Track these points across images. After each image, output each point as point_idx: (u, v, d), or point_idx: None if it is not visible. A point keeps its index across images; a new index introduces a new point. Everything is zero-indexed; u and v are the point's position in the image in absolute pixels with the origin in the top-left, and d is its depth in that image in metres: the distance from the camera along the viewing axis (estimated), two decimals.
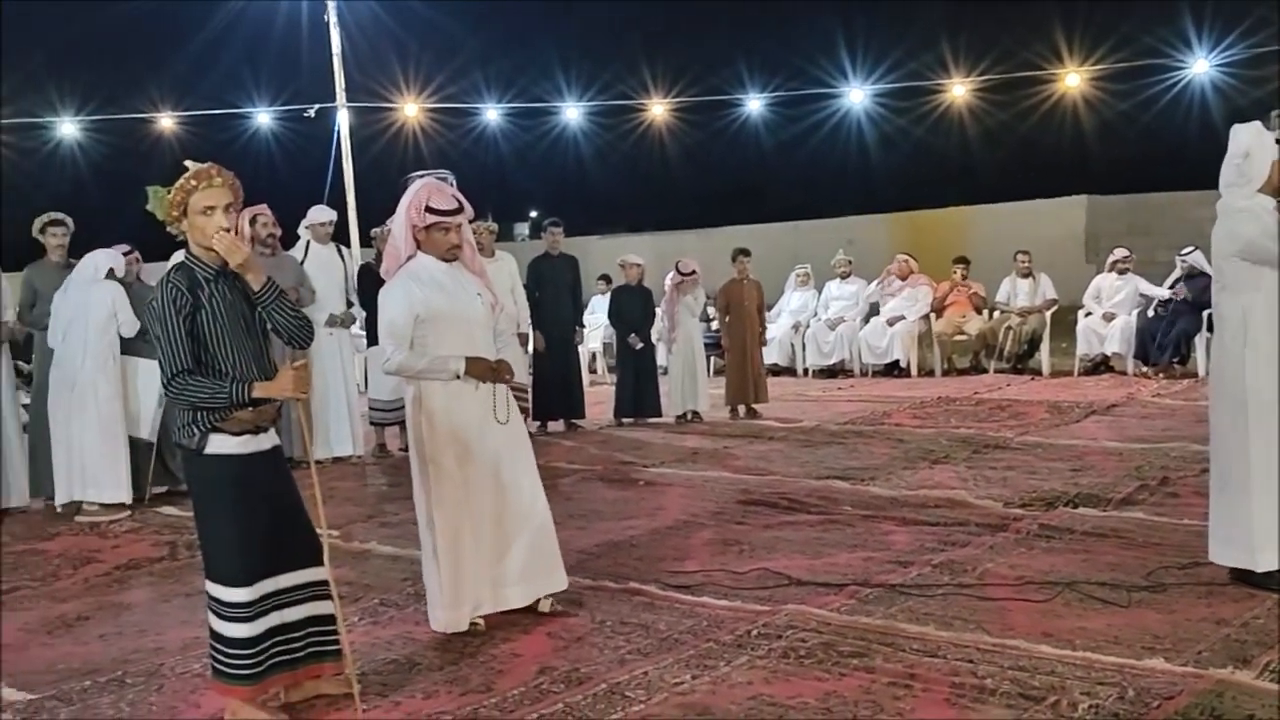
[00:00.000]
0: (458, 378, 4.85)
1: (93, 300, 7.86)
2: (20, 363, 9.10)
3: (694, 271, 11.23)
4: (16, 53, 17.03)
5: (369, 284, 9.75)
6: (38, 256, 8.49)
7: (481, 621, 4.93)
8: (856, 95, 19.37)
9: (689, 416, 11.06)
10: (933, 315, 13.83)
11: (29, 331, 8.48)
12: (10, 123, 17.11)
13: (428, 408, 4.91)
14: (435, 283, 4.89)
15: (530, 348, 10.55)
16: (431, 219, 4.85)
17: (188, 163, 4.05)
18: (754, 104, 19.75)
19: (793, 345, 14.73)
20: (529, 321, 10.47)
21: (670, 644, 4.67)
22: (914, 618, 4.82)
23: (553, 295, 10.75)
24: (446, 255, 4.93)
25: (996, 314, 13.72)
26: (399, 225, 4.95)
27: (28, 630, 5.44)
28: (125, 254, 8.38)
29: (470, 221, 5.09)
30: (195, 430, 3.99)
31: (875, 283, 14.23)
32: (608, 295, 12.92)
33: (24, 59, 17.04)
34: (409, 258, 4.94)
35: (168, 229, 4.08)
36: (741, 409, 11.23)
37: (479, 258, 5.18)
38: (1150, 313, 12.45)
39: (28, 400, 8.73)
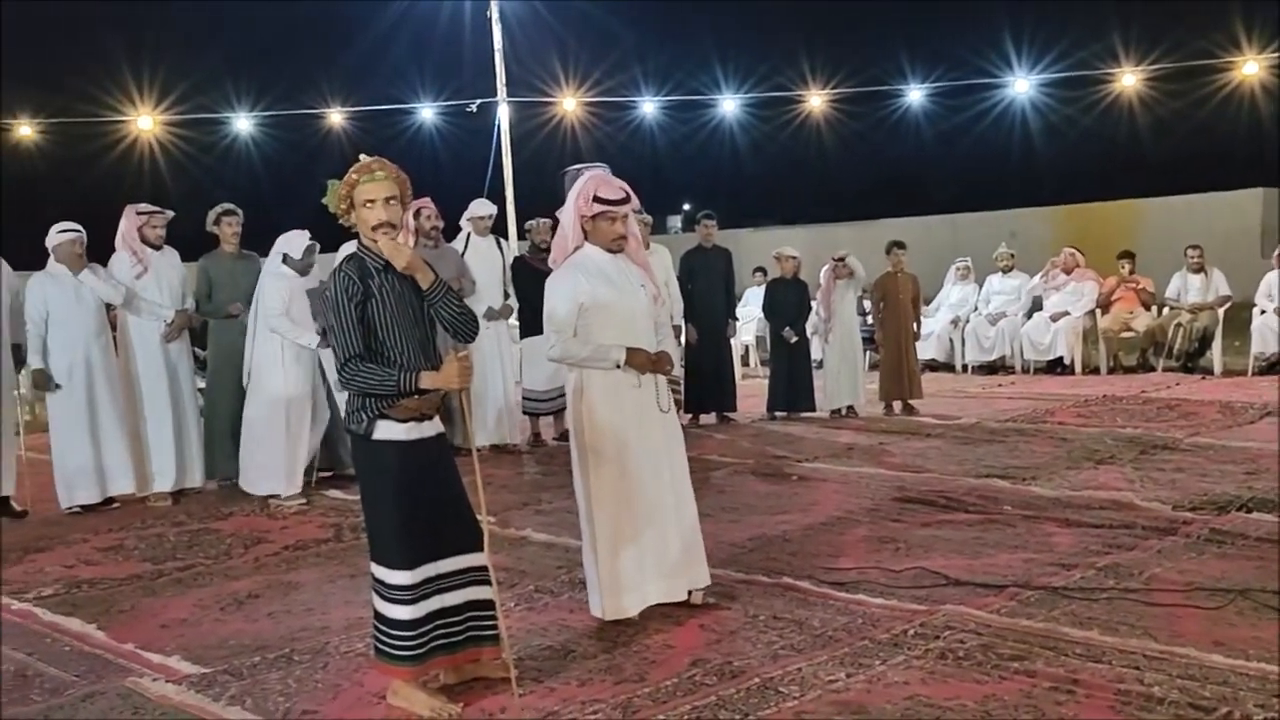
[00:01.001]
0: (618, 367, 4.89)
1: (264, 289, 8.15)
2: (196, 349, 9.50)
3: (844, 259, 11.11)
4: (196, 51, 17.76)
5: (522, 276, 9.92)
6: (212, 248, 8.84)
7: (635, 614, 4.94)
8: (1021, 85, 18.89)
9: (844, 412, 10.95)
10: (1098, 311, 13.40)
11: (205, 320, 8.84)
12: (189, 118, 17.88)
13: (588, 397, 4.96)
14: (600, 273, 4.94)
15: (683, 340, 10.57)
16: (599, 208, 4.90)
17: (362, 156, 4.18)
18: (915, 94, 19.42)
19: (951, 340, 14.44)
20: (682, 314, 10.49)
21: (824, 641, 4.63)
22: (1077, 622, 4.68)
23: (706, 288, 10.75)
24: (612, 245, 4.97)
25: (1166, 310, 13.22)
26: (567, 216, 5.01)
27: (201, 606, 5.68)
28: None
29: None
30: (363, 416, 4.11)
31: (1039, 276, 13.86)
32: (762, 288, 12.86)
33: (203, 57, 17.77)
34: (576, 248, 5.00)
35: (339, 221, 4.20)
36: (897, 405, 11.06)
37: (643, 249, 5.21)
38: None
39: (203, 385, 9.10)
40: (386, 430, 4.11)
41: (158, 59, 17.44)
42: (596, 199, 4.90)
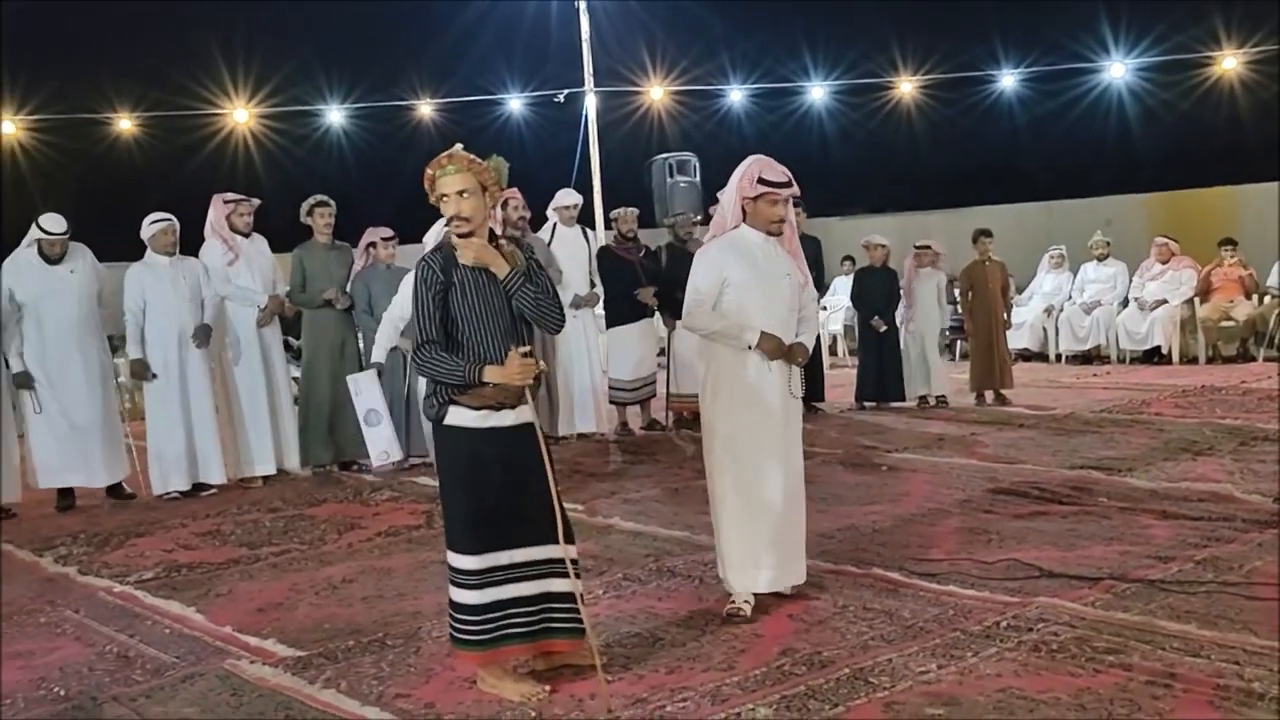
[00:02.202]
0: (749, 349, 4.89)
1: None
2: (289, 338, 9.69)
3: (928, 246, 10.98)
4: (290, 44, 18.00)
5: (607, 266, 9.96)
6: (305, 239, 8.99)
7: (747, 608, 4.90)
8: (1118, 70, 18.48)
9: (933, 401, 10.82)
10: (1197, 300, 13.09)
11: (299, 309, 9.00)
12: (283, 111, 18.17)
13: (715, 373, 5.00)
14: (750, 254, 4.96)
15: None
16: (762, 189, 4.91)
17: (457, 146, 4.22)
18: (1008, 80, 19.10)
19: (1044, 329, 14.19)
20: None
21: (915, 632, 4.59)
22: (1174, 615, 4.58)
23: None
24: (771, 228, 4.98)
25: (1268, 299, 12.88)
26: (728, 196, 5.04)
27: (296, 590, 5.78)
28: (385, 239, 8.76)
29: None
30: (435, 402, 4.18)
31: (1136, 275, 13.57)
32: (850, 277, 12.75)
33: (295, 49, 17.99)
34: (733, 228, 5.02)
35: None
36: (988, 395, 10.91)
37: (797, 239, 5.20)
38: None
39: (297, 374, 9.28)
40: (457, 416, 4.16)
41: (252, 52, 17.71)
42: (761, 180, 4.91)
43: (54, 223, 8.02)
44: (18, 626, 5.44)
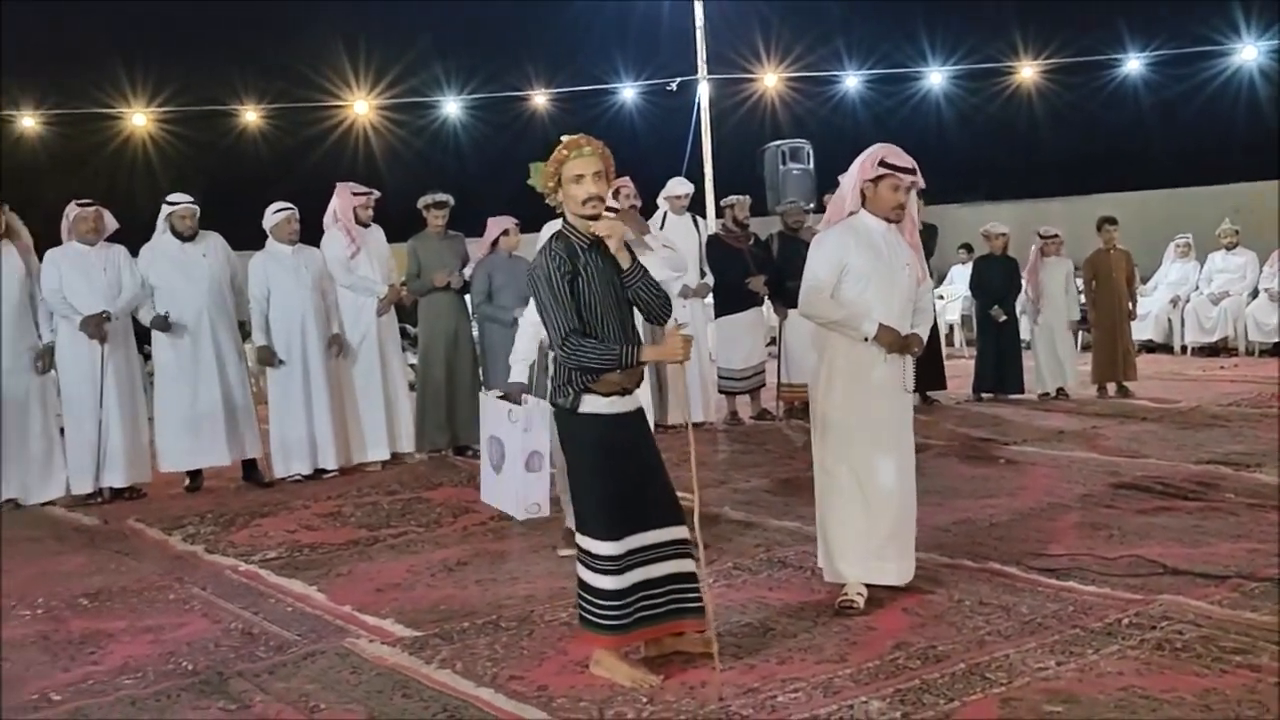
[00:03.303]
0: (865, 340, 4.84)
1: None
2: (406, 325, 9.86)
3: (1056, 235, 10.74)
4: (406, 36, 18.25)
5: (718, 254, 9.92)
6: (419, 228, 9.12)
7: (860, 600, 4.85)
8: (1249, 52, 17.86)
9: (1054, 394, 10.60)
10: None
11: (415, 298, 9.15)
12: (400, 102, 18.47)
13: (829, 363, 4.95)
14: (869, 242, 4.88)
15: None
16: (883, 170, 4.82)
17: (563, 137, 4.23)
18: (1133, 64, 18.59)
19: (1170, 320, 13.82)
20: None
21: (1033, 628, 4.50)
22: None
23: None
24: (891, 214, 4.88)
25: None
26: (849, 180, 4.96)
27: (414, 572, 5.89)
28: (510, 227, 8.78)
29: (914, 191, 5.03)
30: (570, 390, 4.18)
31: (1266, 265, 13.12)
32: (968, 265, 12.54)
33: (412, 42, 18.23)
34: (851, 213, 4.95)
35: (546, 200, 4.27)
36: (1111, 387, 10.65)
37: (917, 233, 5.10)
38: None
39: (413, 360, 9.44)
40: (591, 404, 4.18)
41: (373, 45, 18.04)
42: (884, 163, 4.83)
43: (179, 195, 8.34)
44: (148, 602, 5.63)
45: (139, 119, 17.56)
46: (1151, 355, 13.11)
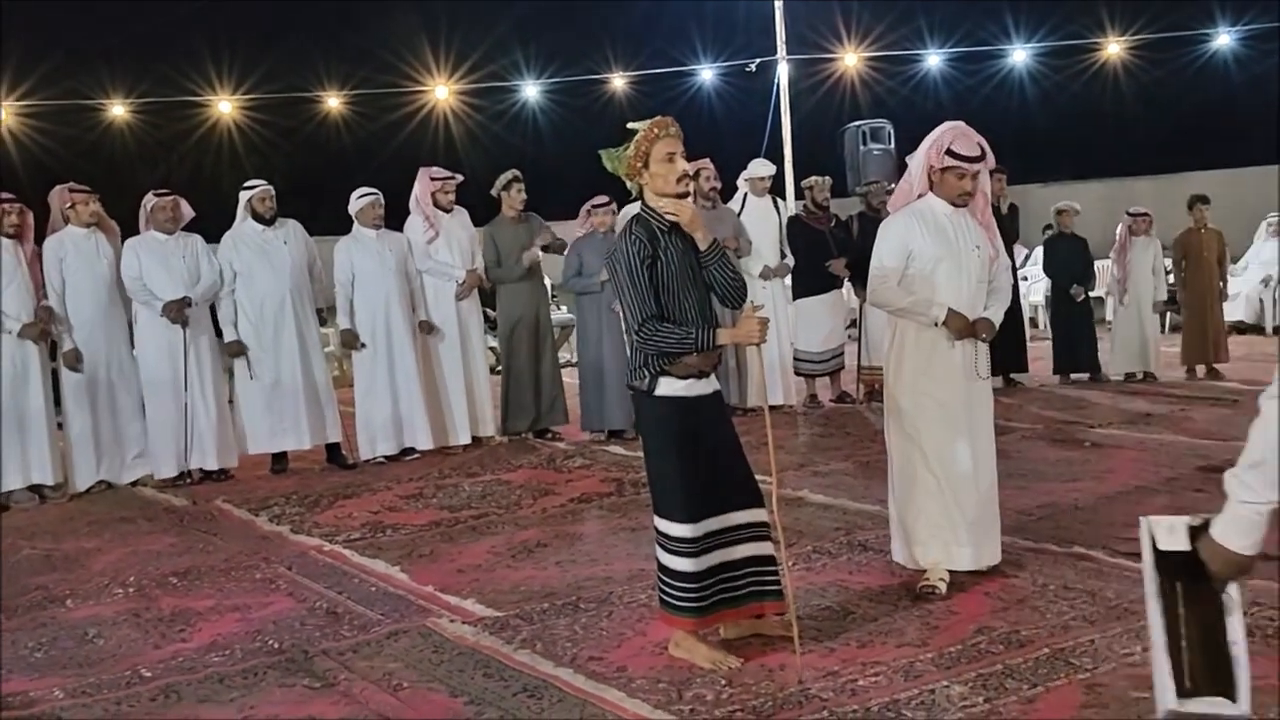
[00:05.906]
0: (935, 325, 4.79)
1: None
2: (487, 310, 9.92)
3: (1145, 213, 10.52)
4: (485, 21, 18.36)
5: (798, 236, 9.85)
6: (495, 213, 9.14)
7: (942, 585, 4.79)
8: None
9: (1140, 376, 10.39)
10: None
11: (494, 283, 9.18)
12: (480, 87, 18.60)
13: (898, 347, 4.90)
14: (937, 226, 4.81)
15: None
16: (949, 162, 4.75)
17: (631, 125, 4.22)
18: (1223, 39, 18.13)
19: (1261, 300, 13.49)
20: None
21: (1120, 613, 4.42)
22: None
23: None
24: (957, 200, 4.82)
25: None
26: (916, 164, 4.91)
27: (494, 553, 5.94)
28: (598, 205, 8.67)
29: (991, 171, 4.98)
30: (646, 373, 4.18)
31: None
32: None
33: (492, 27, 18.34)
34: (919, 196, 4.90)
35: (627, 185, 4.27)
36: (1200, 369, 10.42)
37: (989, 210, 5.04)
38: None
39: (493, 344, 9.50)
40: (667, 386, 4.17)
41: (454, 30, 18.17)
42: (949, 152, 4.75)
43: (255, 180, 8.53)
44: (235, 581, 5.74)
45: (225, 106, 17.87)
46: (1242, 336, 12.81)
